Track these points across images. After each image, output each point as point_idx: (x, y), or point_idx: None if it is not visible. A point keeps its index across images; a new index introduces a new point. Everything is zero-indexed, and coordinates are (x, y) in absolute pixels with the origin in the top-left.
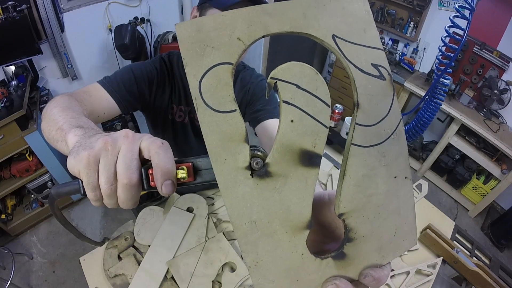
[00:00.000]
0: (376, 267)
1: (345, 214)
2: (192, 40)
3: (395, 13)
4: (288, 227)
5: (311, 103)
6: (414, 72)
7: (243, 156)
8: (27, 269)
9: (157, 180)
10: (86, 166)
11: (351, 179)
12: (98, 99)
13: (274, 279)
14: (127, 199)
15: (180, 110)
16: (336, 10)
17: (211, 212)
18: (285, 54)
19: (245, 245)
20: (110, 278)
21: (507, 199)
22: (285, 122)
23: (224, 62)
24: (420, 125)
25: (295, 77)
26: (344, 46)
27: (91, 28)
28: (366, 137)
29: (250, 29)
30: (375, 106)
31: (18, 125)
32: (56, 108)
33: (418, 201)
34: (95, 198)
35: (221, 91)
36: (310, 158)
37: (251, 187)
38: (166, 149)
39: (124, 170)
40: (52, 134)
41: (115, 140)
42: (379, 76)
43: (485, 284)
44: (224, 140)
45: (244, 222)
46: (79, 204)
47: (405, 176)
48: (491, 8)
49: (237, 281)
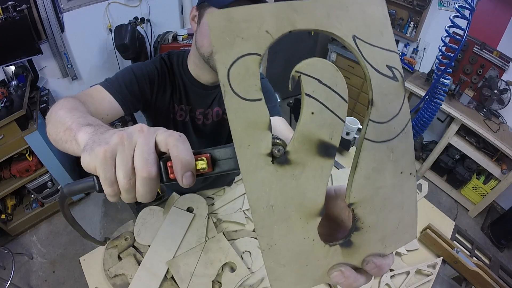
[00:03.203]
0: (378, 256)
1: (354, 204)
2: (223, 29)
3: (395, 13)
4: (302, 213)
5: (330, 97)
6: (414, 72)
7: (266, 143)
8: (27, 269)
9: (177, 172)
10: (103, 161)
11: (362, 171)
12: (101, 101)
13: (285, 263)
14: (146, 192)
15: (181, 109)
16: (357, 13)
17: (211, 212)
18: (285, 54)
19: (261, 228)
20: (110, 278)
21: (507, 199)
22: (306, 114)
23: (252, 53)
24: (420, 125)
25: (318, 72)
26: (363, 47)
27: (91, 28)
28: (378, 133)
29: (278, 23)
30: (387, 105)
31: (18, 125)
32: (61, 110)
33: (418, 201)
34: (112, 193)
35: (249, 80)
36: (326, 149)
37: (271, 173)
38: (184, 141)
39: (143, 163)
40: (60, 136)
41: (131, 135)
42: (392, 77)
43: (485, 284)
44: (249, 127)
45: (262, 206)
46: (79, 204)
47: (410, 172)
48: (491, 8)
49: (237, 281)
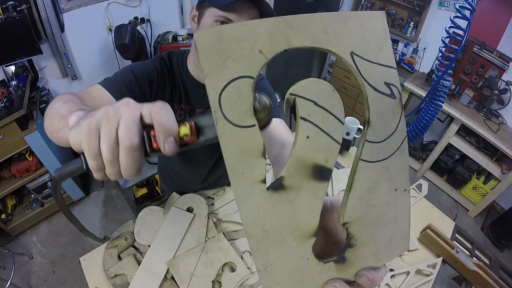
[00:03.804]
0: (371, 269)
1: (348, 223)
2: (213, 50)
3: (395, 13)
4: (297, 235)
5: (326, 120)
6: (414, 72)
7: (260, 170)
8: (27, 269)
9: (159, 138)
10: (87, 134)
11: (356, 191)
12: (99, 99)
13: (280, 281)
14: (129, 164)
15: (180, 109)
16: (355, 27)
17: (211, 212)
18: (285, 54)
19: (257, 251)
20: (110, 278)
21: (507, 199)
22: (301, 138)
23: (245, 76)
24: (421, 127)
25: (313, 94)
26: (361, 64)
27: (91, 28)
28: (374, 153)
29: (272, 41)
30: (384, 124)
31: (18, 125)
32: (57, 103)
33: (418, 201)
34: (96, 167)
35: (241, 106)
36: (321, 172)
37: (266, 199)
38: (167, 109)
39: (126, 133)
40: (54, 126)
41: (116, 108)
42: (390, 94)
43: (485, 284)
44: (242, 154)
45: (257, 231)
46: (79, 204)
47: (404, 189)
48: (491, 8)
49: (237, 281)
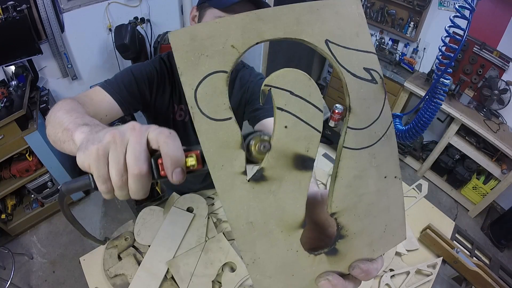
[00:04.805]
0: (366, 261)
1: (337, 213)
2: (187, 48)
3: (395, 13)
4: (283, 227)
5: (304, 109)
6: (414, 72)
7: (239, 162)
8: (27, 269)
9: (167, 168)
10: (96, 159)
11: (342, 180)
12: (100, 101)
13: (271, 275)
14: (138, 189)
15: (180, 109)
16: (329, 15)
17: (211, 212)
18: (285, 54)
19: (243, 244)
20: (110, 278)
21: (507, 199)
22: (279, 128)
23: (218, 71)
24: (420, 125)
25: (289, 83)
26: (337, 51)
27: (91, 28)
28: (358, 139)
29: (244, 36)
30: (366, 110)
31: (18, 125)
32: (60, 112)
33: (418, 201)
34: (106, 190)
35: (217, 100)
36: (303, 161)
37: (248, 190)
38: (174, 138)
39: (134, 161)
40: (58, 136)
41: (123, 133)
42: (371, 80)
43: (485, 284)
44: (220, 147)
45: (241, 223)
46: (79, 204)
47: (395, 176)
48: (491, 8)
49: (237, 281)
